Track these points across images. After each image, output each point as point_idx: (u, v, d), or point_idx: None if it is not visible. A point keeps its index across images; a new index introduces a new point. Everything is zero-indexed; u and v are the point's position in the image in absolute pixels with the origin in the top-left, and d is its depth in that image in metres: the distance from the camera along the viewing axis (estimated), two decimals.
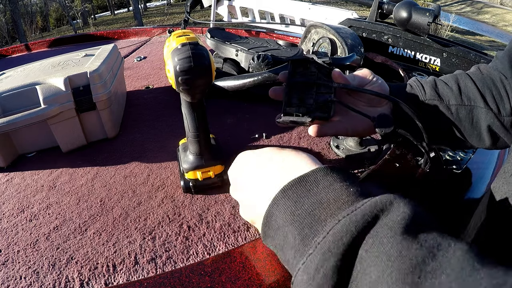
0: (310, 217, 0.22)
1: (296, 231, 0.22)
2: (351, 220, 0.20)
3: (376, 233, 0.19)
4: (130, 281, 0.39)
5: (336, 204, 0.22)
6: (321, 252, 0.20)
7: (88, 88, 0.63)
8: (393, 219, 0.19)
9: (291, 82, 0.44)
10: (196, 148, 0.50)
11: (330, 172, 0.25)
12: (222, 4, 1.51)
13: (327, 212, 0.22)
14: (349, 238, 0.19)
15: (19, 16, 9.59)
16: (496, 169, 0.55)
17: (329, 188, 0.23)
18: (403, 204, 0.21)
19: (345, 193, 0.23)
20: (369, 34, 1.04)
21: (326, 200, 0.23)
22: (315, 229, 0.21)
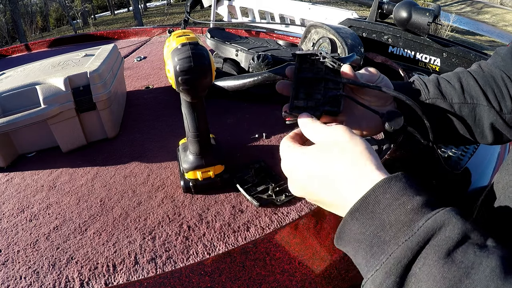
0: (376, 238, 0.27)
1: (366, 248, 0.28)
2: (407, 247, 0.25)
3: (426, 255, 0.24)
4: (130, 281, 0.39)
5: (397, 227, 0.27)
6: (384, 270, 0.25)
7: (88, 88, 0.63)
8: (439, 243, 0.24)
9: (299, 77, 0.43)
10: (196, 148, 0.50)
11: (388, 188, 0.28)
12: (222, 4, 1.51)
13: (389, 234, 0.27)
14: (406, 261, 0.25)
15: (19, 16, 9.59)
16: (496, 169, 0.55)
17: (389, 208, 0.28)
18: (451, 226, 0.25)
19: (403, 213, 0.27)
20: (369, 34, 1.04)
21: (388, 222, 0.27)
22: (382, 249, 0.27)
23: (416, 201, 0.27)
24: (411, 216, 0.26)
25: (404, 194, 0.28)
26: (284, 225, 0.45)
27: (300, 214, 0.47)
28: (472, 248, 0.24)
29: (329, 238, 0.40)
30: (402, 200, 0.27)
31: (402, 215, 0.27)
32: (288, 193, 0.50)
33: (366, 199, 0.29)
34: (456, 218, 0.25)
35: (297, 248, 0.39)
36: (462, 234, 0.24)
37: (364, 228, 0.28)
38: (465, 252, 0.23)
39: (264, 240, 0.40)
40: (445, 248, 0.24)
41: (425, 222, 0.25)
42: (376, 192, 0.28)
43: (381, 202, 0.28)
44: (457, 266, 0.23)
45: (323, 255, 0.38)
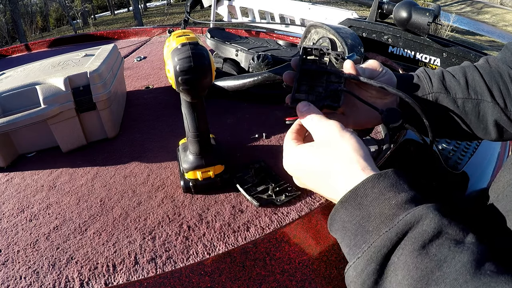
0: (361, 228, 0.29)
1: (351, 236, 0.30)
2: (387, 237, 0.27)
3: (404, 246, 0.26)
4: (130, 281, 0.39)
5: (380, 219, 0.29)
6: (366, 258, 0.27)
7: (88, 88, 0.63)
8: (416, 235, 0.26)
9: (303, 69, 0.44)
10: (196, 148, 0.50)
11: (377, 183, 0.30)
12: (222, 4, 1.51)
13: (372, 225, 0.29)
14: (385, 250, 0.27)
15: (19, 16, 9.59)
16: (496, 169, 0.55)
17: (375, 201, 0.30)
18: (428, 221, 0.26)
19: (387, 207, 0.29)
20: (369, 34, 1.04)
21: (373, 214, 0.29)
22: (364, 238, 0.29)
23: (401, 197, 0.29)
24: (394, 211, 0.29)
25: (391, 190, 0.30)
26: (284, 225, 0.45)
27: (300, 214, 0.47)
28: (448, 242, 0.25)
29: (329, 238, 0.40)
30: (388, 195, 0.30)
31: (386, 209, 0.29)
32: (288, 193, 0.50)
33: (355, 191, 0.31)
34: (433, 214, 0.27)
35: (297, 248, 0.39)
36: (438, 229, 0.26)
37: (351, 217, 0.31)
38: (440, 246, 0.25)
39: (264, 240, 0.40)
40: (420, 241, 0.26)
41: (405, 216, 0.27)
42: (365, 186, 0.31)
43: (369, 195, 0.30)
44: (430, 258, 0.25)
45: (323, 255, 0.38)
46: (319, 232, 0.41)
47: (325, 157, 0.35)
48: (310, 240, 0.40)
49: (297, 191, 0.51)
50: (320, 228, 0.42)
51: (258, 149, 0.64)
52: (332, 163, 0.34)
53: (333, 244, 0.39)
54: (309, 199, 0.50)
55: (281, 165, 0.42)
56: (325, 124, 0.37)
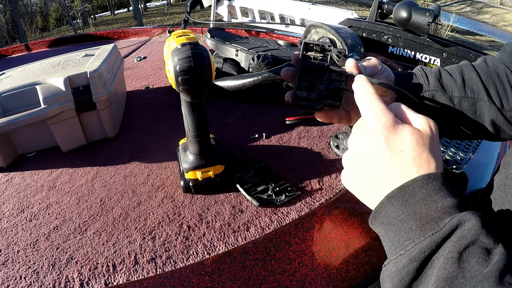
0: (405, 225, 0.30)
1: (395, 232, 0.31)
2: (432, 240, 0.28)
3: (444, 248, 0.28)
4: (130, 281, 0.39)
5: (426, 219, 0.29)
6: (408, 257, 0.29)
7: (88, 88, 0.63)
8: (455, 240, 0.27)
9: (304, 65, 0.43)
10: (196, 148, 0.50)
11: (426, 184, 0.31)
12: (222, 4, 1.51)
13: (417, 224, 0.30)
14: (428, 252, 0.28)
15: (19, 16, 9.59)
16: (496, 169, 0.55)
17: (422, 201, 0.30)
18: (469, 226, 0.28)
19: (433, 209, 0.30)
20: (369, 34, 1.04)
21: (418, 213, 0.30)
22: (407, 236, 0.30)
23: (447, 201, 0.30)
24: (439, 214, 0.29)
25: (438, 193, 0.30)
26: (284, 225, 0.45)
27: (300, 214, 0.47)
28: (478, 252, 0.27)
29: (328, 238, 0.40)
30: (435, 197, 0.30)
31: (432, 211, 0.30)
32: (288, 193, 0.50)
33: (404, 188, 0.32)
34: (476, 220, 0.28)
35: (297, 248, 0.39)
36: (475, 236, 0.27)
37: (396, 213, 0.31)
38: (470, 254, 0.27)
39: (264, 240, 0.40)
40: (457, 246, 0.27)
41: (450, 220, 0.28)
42: (414, 184, 0.31)
43: (417, 194, 0.31)
44: (458, 264, 0.26)
45: (323, 255, 0.38)
46: (319, 232, 0.41)
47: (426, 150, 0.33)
48: (310, 240, 0.40)
49: (297, 191, 0.51)
50: (320, 228, 0.42)
51: (258, 149, 0.64)
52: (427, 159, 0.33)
53: (333, 244, 0.39)
54: (309, 199, 0.50)
55: (281, 165, 0.42)
56: (420, 116, 0.34)
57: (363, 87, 0.38)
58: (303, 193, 0.51)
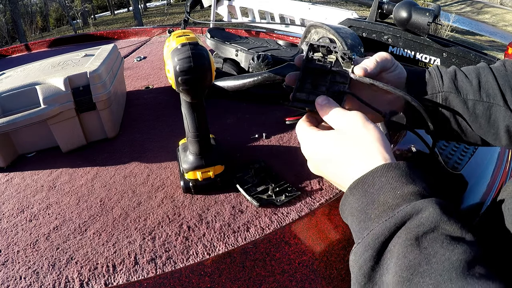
0: (364, 214, 0.30)
1: (356, 222, 0.31)
2: (385, 226, 0.28)
3: (400, 235, 0.27)
4: (130, 281, 0.39)
5: (383, 207, 0.29)
6: (364, 244, 0.28)
7: (88, 88, 0.63)
8: (411, 226, 0.27)
9: (306, 67, 0.43)
10: (196, 148, 0.50)
11: (385, 172, 0.31)
12: (222, 4, 1.51)
13: (375, 213, 0.30)
14: (382, 238, 0.28)
15: (19, 16, 9.59)
16: (496, 169, 0.55)
17: (381, 190, 0.30)
18: (426, 214, 0.27)
19: (391, 196, 0.29)
20: (369, 34, 1.04)
21: (377, 202, 0.30)
22: (366, 225, 0.30)
23: (407, 188, 0.30)
24: (398, 201, 0.29)
25: (398, 180, 0.30)
26: (284, 225, 0.45)
27: (300, 214, 0.47)
28: (442, 238, 0.26)
29: (328, 238, 0.40)
30: (394, 185, 0.30)
31: (390, 198, 0.30)
32: (288, 193, 0.50)
33: (364, 178, 0.32)
34: (433, 207, 0.27)
35: (297, 248, 0.39)
36: (434, 223, 0.26)
37: (357, 204, 0.32)
38: (433, 240, 0.26)
39: (264, 240, 0.40)
40: (414, 232, 0.26)
41: (405, 207, 0.28)
42: (374, 174, 0.31)
43: (376, 183, 0.31)
44: (420, 251, 0.25)
45: (323, 255, 0.38)
46: (319, 232, 0.41)
47: (347, 145, 0.35)
48: (310, 240, 0.40)
49: (297, 191, 0.51)
50: (320, 228, 0.42)
51: (258, 149, 0.64)
52: (354, 151, 0.35)
53: (333, 244, 0.39)
54: (309, 199, 0.50)
55: (281, 165, 0.42)
56: (348, 115, 0.37)
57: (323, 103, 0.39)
58: (303, 193, 0.51)
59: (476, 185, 0.51)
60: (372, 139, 0.34)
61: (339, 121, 0.37)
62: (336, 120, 0.38)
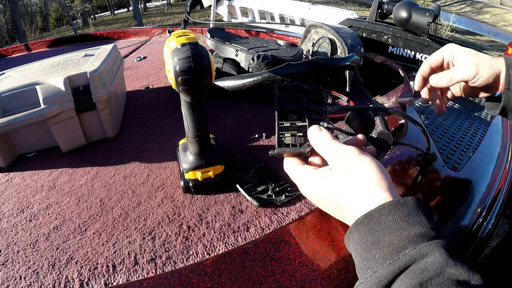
0: (368, 253, 0.30)
1: (360, 259, 0.31)
2: (389, 270, 0.27)
3: (403, 279, 0.26)
4: (130, 281, 0.39)
5: (388, 248, 0.29)
6: (367, 285, 0.28)
7: (88, 88, 0.63)
8: (416, 271, 0.26)
9: (281, 110, 0.42)
10: (196, 148, 0.50)
11: (392, 211, 0.30)
12: (222, 4, 1.51)
13: (379, 253, 0.29)
14: (386, 282, 0.27)
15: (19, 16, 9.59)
16: (496, 169, 0.55)
17: (387, 230, 0.30)
18: (432, 259, 0.26)
19: (397, 238, 0.29)
20: (369, 34, 1.04)
21: (382, 242, 0.29)
22: (369, 264, 0.29)
23: (413, 230, 0.29)
24: (403, 243, 0.29)
25: (405, 220, 0.30)
26: (284, 225, 0.45)
27: (300, 214, 0.47)
28: (448, 283, 0.25)
29: (328, 238, 0.40)
30: (401, 225, 0.29)
31: (396, 240, 0.29)
32: (288, 193, 0.50)
33: (370, 215, 0.31)
34: (439, 252, 0.27)
35: (297, 248, 0.39)
36: (440, 268, 0.26)
37: (362, 241, 0.31)
38: (438, 286, 0.25)
39: (264, 240, 0.40)
40: (419, 277, 0.26)
41: (411, 250, 0.28)
42: (381, 212, 0.31)
43: (382, 222, 0.30)
44: None
45: (323, 255, 0.38)
46: (319, 232, 0.41)
47: (342, 185, 0.35)
48: (310, 240, 0.40)
49: (297, 191, 0.51)
50: (320, 228, 0.42)
51: (258, 149, 0.64)
52: (349, 191, 0.34)
53: (333, 244, 0.39)
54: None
55: (281, 165, 0.42)
56: (342, 149, 0.36)
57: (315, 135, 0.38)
58: None
59: (476, 185, 0.51)
60: (369, 175, 0.33)
61: (333, 156, 0.36)
62: (331, 155, 0.37)
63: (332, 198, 0.36)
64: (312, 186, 0.38)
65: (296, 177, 0.40)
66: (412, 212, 0.30)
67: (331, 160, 0.37)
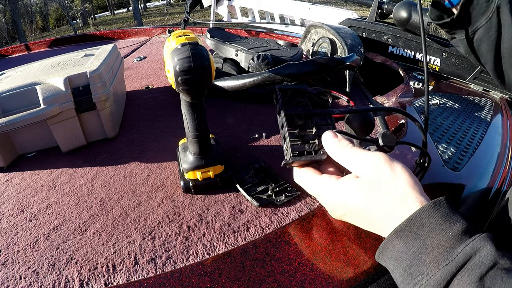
0: (417, 258, 0.29)
1: (406, 267, 0.30)
2: (447, 271, 0.27)
3: (461, 277, 0.27)
4: (130, 281, 0.39)
5: (438, 250, 0.29)
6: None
7: (88, 88, 0.63)
8: (473, 267, 0.27)
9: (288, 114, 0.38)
10: (196, 148, 0.50)
11: (433, 213, 0.30)
12: (222, 4, 1.51)
13: (430, 257, 0.29)
14: (444, 283, 0.27)
15: (19, 16, 9.59)
16: (496, 169, 0.55)
17: (432, 232, 0.30)
18: (486, 252, 0.27)
19: (444, 238, 0.29)
20: (369, 34, 1.04)
21: (430, 245, 0.29)
22: (421, 270, 0.29)
23: (456, 228, 0.29)
24: (451, 243, 0.29)
25: (446, 220, 0.30)
26: (284, 225, 0.45)
27: (300, 214, 0.47)
28: (500, 273, 0.26)
29: (328, 238, 0.40)
30: (444, 226, 0.30)
31: (444, 240, 0.29)
32: (288, 193, 0.50)
33: (411, 220, 0.31)
34: (490, 245, 0.28)
35: (297, 248, 0.39)
36: (493, 261, 0.27)
37: (406, 248, 0.30)
38: (493, 277, 0.26)
39: (264, 240, 0.40)
40: (478, 272, 0.27)
41: (463, 248, 0.28)
42: (421, 215, 0.31)
43: (426, 225, 0.30)
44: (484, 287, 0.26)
45: (323, 255, 0.38)
46: (319, 232, 0.41)
47: (374, 193, 0.33)
48: (310, 240, 0.40)
49: (297, 191, 0.51)
50: (320, 228, 0.42)
51: (258, 149, 0.64)
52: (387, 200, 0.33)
53: (333, 244, 0.39)
54: (309, 199, 0.50)
55: (281, 165, 0.42)
56: (370, 157, 0.34)
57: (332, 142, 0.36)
58: (303, 193, 0.51)
59: (476, 185, 0.51)
60: (404, 184, 0.33)
61: (360, 164, 0.35)
62: (356, 163, 0.35)
63: (363, 208, 0.34)
64: (339, 196, 0.36)
65: (316, 189, 0.38)
66: (449, 211, 0.30)
67: (357, 168, 0.35)
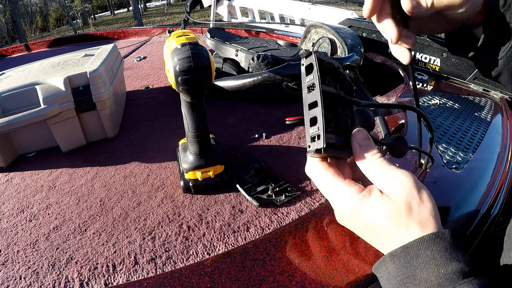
0: (403, 287, 0.29)
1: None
2: None
3: None
4: (130, 281, 0.39)
5: (425, 285, 0.28)
6: None
7: (88, 88, 0.63)
8: None
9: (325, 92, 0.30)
10: (196, 148, 0.50)
11: (432, 245, 0.29)
12: (222, 4, 1.51)
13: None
14: None
15: (19, 16, 9.59)
16: (496, 169, 0.55)
17: (425, 265, 0.29)
18: None
19: (434, 275, 0.28)
20: (369, 34, 1.04)
21: (419, 277, 0.29)
22: None
23: (451, 266, 0.29)
24: (440, 281, 0.28)
25: (443, 255, 0.29)
26: (284, 225, 0.45)
27: (300, 214, 0.47)
28: None
29: (328, 238, 0.40)
30: (439, 261, 0.29)
31: (433, 276, 0.28)
32: (288, 193, 0.50)
33: (408, 248, 0.30)
34: None
35: (297, 248, 0.39)
36: None
37: (396, 273, 0.30)
38: None
39: (264, 240, 0.40)
40: None
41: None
42: (419, 245, 0.30)
43: (421, 256, 0.30)
44: None
45: (323, 255, 0.38)
46: (319, 232, 0.41)
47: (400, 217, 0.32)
48: (310, 240, 0.40)
49: (297, 191, 0.51)
50: (320, 228, 0.42)
51: (258, 149, 0.64)
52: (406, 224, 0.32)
53: (333, 244, 0.39)
54: (309, 199, 0.50)
55: (281, 165, 0.42)
56: (400, 180, 0.32)
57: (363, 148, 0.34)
58: (303, 193, 0.51)
59: (476, 185, 0.51)
60: (427, 212, 0.32)
61: (390, 185, 0.33)
62: (385, 183, 0.33)
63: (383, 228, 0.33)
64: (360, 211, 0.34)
65: (335, 193, 0.35)
66: (449, 246, 0.29)
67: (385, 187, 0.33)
